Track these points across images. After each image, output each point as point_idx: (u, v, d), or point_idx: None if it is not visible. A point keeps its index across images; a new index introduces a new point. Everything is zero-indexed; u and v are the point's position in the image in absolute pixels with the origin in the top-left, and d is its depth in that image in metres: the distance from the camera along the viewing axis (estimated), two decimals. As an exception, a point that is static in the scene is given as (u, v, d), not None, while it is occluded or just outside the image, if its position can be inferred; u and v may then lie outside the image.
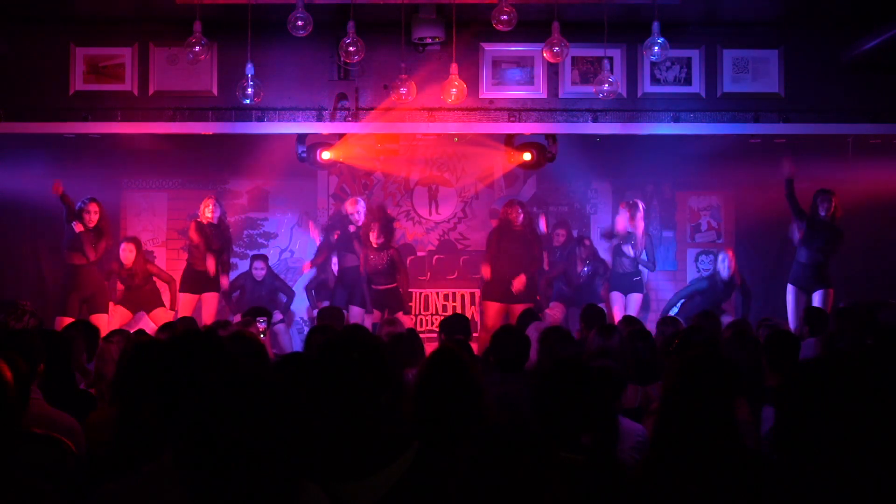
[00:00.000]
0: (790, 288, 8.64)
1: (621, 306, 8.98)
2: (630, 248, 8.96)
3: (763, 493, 2.37)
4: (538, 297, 9.03)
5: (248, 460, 1.88)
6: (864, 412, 2.19)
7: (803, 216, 8.50)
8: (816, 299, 8.39)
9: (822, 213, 8.48)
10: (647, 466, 2.67)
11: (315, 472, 2.27)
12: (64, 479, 2.68)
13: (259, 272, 9.42)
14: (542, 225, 9.55)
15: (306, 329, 9.14)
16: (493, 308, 8.74)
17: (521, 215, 8.69)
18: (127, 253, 8.66)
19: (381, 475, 2.36)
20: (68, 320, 7.24)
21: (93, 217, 8.48)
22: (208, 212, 8.89)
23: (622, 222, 8.95)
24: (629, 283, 9.10)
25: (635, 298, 9.11)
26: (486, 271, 8.75)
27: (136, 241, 8.86)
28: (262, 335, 6.48)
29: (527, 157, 8.66)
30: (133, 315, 8.78)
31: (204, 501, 1.86)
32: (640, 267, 9.08)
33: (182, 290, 8.95)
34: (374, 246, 8.72)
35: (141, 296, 8.79)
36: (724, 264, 8.81)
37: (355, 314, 8.76)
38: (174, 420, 1.96)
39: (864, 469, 2.17)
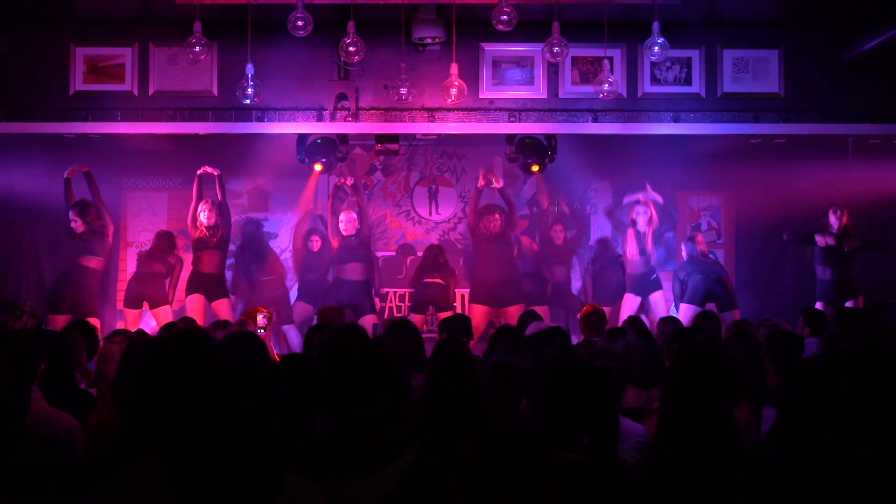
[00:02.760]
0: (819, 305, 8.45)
1: (633, 309, 8.97)
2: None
3: (763, 492, 2.37)
4: None
5: (233, 460, 1.88)
6: (864, 412, 2.19)
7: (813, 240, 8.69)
8: None
9: (836, 226, 8.61)
10: (647, 466, 2.67)
11: (315, 471, 2.27)
12: (64, 479, 2.68)
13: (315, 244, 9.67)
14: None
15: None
16: (479, 311, 8.88)
17: (499, 221, 8.84)
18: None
19: (381, 475, 2.35)
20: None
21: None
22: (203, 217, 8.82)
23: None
24: (647, 284, 9.11)
25: (658, 297, 9.13)
26: None
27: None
28: (261, 331, 6.47)
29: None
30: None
31: (189, 501, 1.86)
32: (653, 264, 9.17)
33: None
34: None
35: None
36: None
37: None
38: (158, 421, 1.97)
39: (865, 469, 2.17)
